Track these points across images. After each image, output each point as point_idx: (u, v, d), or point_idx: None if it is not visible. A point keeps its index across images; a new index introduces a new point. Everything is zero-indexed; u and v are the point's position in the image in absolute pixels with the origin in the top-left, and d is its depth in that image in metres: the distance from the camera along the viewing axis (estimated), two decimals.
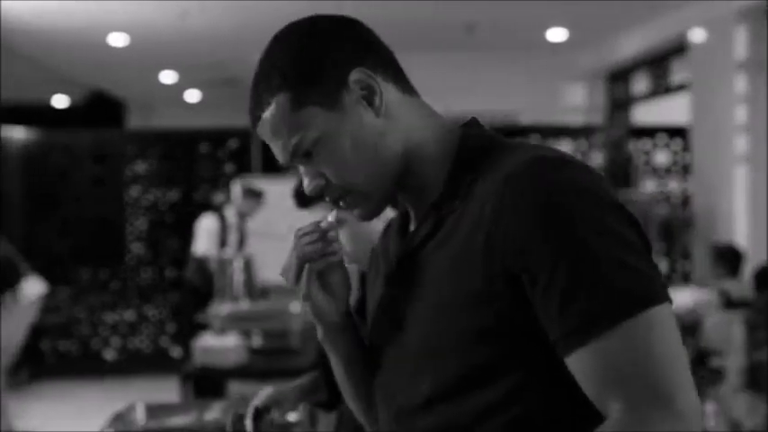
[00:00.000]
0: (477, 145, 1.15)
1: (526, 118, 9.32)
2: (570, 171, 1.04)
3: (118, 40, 8.41)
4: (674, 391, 0.96)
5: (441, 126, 1.20)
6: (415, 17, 7.95)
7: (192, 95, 12.62)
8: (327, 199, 1.18)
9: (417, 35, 8.67)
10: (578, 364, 1.00)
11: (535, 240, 1.01)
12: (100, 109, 12.38)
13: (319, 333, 1.27)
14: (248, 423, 1.84)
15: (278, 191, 5.62)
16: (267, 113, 1.14)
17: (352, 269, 1.90)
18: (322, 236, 1.18)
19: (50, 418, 6.38)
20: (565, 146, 8.13)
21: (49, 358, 8.02)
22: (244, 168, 8.12)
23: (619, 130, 8.44)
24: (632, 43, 8.48)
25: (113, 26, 8.02)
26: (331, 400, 1.99)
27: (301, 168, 1.17)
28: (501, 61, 9.45)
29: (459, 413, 1.09)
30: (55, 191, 8.05)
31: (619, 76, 9.48)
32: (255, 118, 1.16)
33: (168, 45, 8.80)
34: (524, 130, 8.31)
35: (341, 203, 1.18)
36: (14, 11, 7.31)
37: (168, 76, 10.89)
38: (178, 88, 11.84)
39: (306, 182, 1.17)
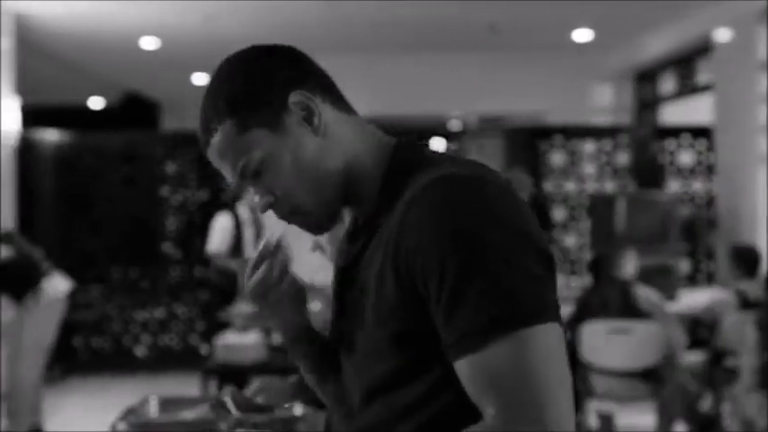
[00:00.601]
0: (406, 160, 1.23)
1: (553, 118, 9.34)
2: (472, 189, 1.11)
3: (149, 43, 8.58)
4: (545, 408, 1.02)
5: (376, 142, 1.28)
6: (439, 18, 8.01)
7: None
8: (277, 216, 1.26)
9: (442, 36, 8.74)
10: (462, 370, 1.08)
11: (429, 254, 1.08)
12: (135, 110, 12.59)
13: (285, 344, 1.37)
14: (227, 400, 1.94)
15: None
16: (215, 139, 1.22)
17: None
18: (267, 267, 1.28)
19: (83, 413, 6.54)
20: (589, 146, 8.16)
21: (82, 354, 8.21)
22: None
23: (645, 129, 8.44)
24: (658, 43, 8.48)
25: (144, 30, 8.19)
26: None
27: (251, 188, 1.25)
28: (526, 62, 9.48)
29: (385, 412, 1.18)
30: (87, 191, 8.23)
31: (646, 76, 9.47)
32: (205, 143, 1.24)
33: (197, 48, 8.94)
34: (549, 131, 8.35)
35: (290, 219, 1.26)
36: (52, 17, 7.51)
37: (200, 78, 11.05)
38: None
39: (256, 200, 1.25)
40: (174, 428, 2.68)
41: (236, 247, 6.34)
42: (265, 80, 1.22)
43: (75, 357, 8.11)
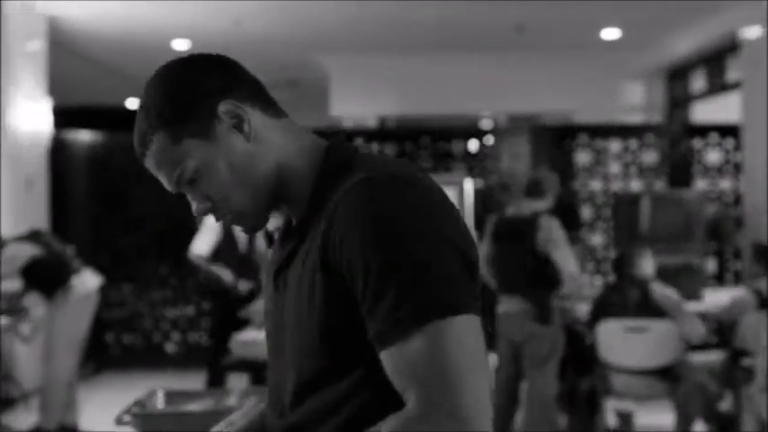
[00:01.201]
0: (337, 162, 1.27)
1: (584, 117, 9.33)
2: (395, 190, 1.16)
3: (181, 45, 8.71)
4: (462, 396, 1.07)
5: (308, 144, 1.32)
6: (468, 18, 8.04)
7: None
8: (216, 219, 1.32)
9: (471, 36, 8.76)
10: (386, 360, 1.13)
11: (355, 250, 1.14)
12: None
13: None
14: None
15: None
16: (150, 150, 1.27)
17: None
18: None
19: (114, 407, 6.65)
20: (615, 145, 8.15)
21: (114, 351, 8.38)
22: None
23: (674, 128, 8.41)
24: (688, 41, 8.43)
25: (175, 32, 8.32)
26: None
27: (189, 195, 1.31)
28: (556, 61, 9.46)
29: (313, 409, 1.24)
30: (119, 190, 8.39)
31: (677, 74, 9.41)
32: (141, 154, 1.29)
33: (228, 49, 9.03)
34: (575, 129, 8.34)
35: (228, 221, 1.32)
36: (84, 19, 7.67)
37: None
38: None
39: (193, 206, 1.30)
40: (178, 420, 2.76)
41: (231, 245, 6.28)
42: (194, 91, 1.26)
43: (106, 353, 8.28)
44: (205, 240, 6.24)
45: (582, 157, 8.18)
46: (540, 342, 4.78)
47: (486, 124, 10.13)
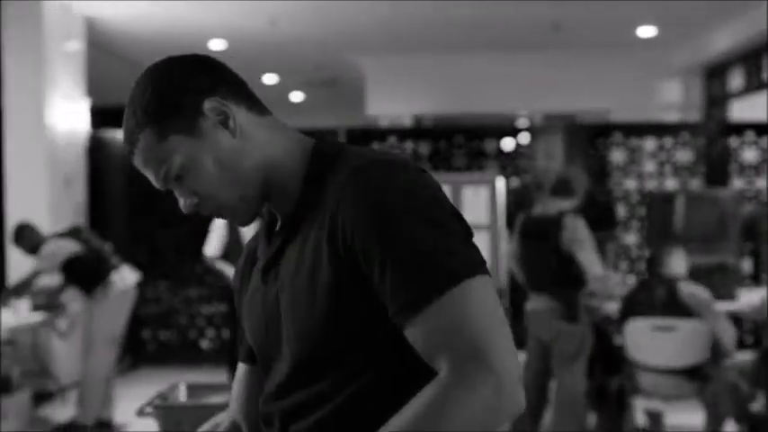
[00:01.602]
0: (327, 154, 1.31)
1: (621, 116, 9.28)
2: (399, 172, 1.22)
3: (217, 45, 8.81)
4: (490, 351, 1.11)
5: (294, 140, 1.36)
6: (504, 17, 8.04)
7: (296, 96, 13.01)
8: (203, 214, 1.36)
9: (507, 34, 8.75)
10: (412, 335, 1.17)
11: (368, 232, 1.18)
12: None
13: None
14: None
15: None
16: (137, 147, 1.31)
17: None
18: None
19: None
20: (650, 143, 8.08)
21: (150, 346, 8.50)
22: None
23: (711, 126, 8.32)
24: (725, 38, 8.34)
25: (211, 32, 8.41)
26: None
27: (176, 191, 1.35)
28: (592, 59, 9.43)
29: (312, 393, 1.28)
30: (155, 189, 8.39)
31: (715, 72, 9.32)
32: (129, 152, 1.34)
33: (264, 49, 9.15)
34: (610, 128, 8.30)
35: (215, 215, 1.36)
36: (120, 19, 7.79)
37: (270, 79, 11.26)
38: (281, 90, 12.22)
39: (181, 202, 1.34)
40: (198, 412, 2.81)
41: (239, 244, 6.26)
42: (180, 89, 1.30)
43: (143, 349, 8.40)
44: (215, 241, 6.35)
45: (616, 156, 8.13)
46: (567, 340, 4.78)
47: (522, 123, 10.11)
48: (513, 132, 8.61)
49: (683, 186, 7.83)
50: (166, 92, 1.30)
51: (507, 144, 8.48)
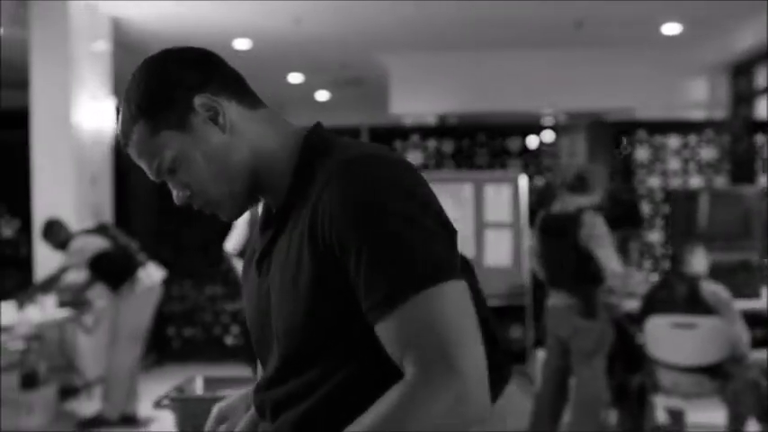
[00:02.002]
0: (316, 147, 1.33)
1: (647, 113, 9.24)
2: (385, 168, 1.23)
3: (242, 44, 8.86)
4: (458, 355, 1.11)
5: (286, 133, 1.37)
6: (528, 14, 8.03)
7: (322, 95, 13.05)
8: (194, 207, 1.38)
9: (530, 32, 8.74)
10: (382, 333, 1.18)
11: (347, 225, 1.19)
12: None
13: None
14: None
15: None
16: (131, 140, 1.34)
17: None
18: None
19: None
20: (674, 141, 8.05)
21: (175, 343, 8.58)
22: None
23: (736, 123, 8.26)
24: (752, 35, 8.28)
25: (237, 32, 8.47)
26: None
27: (169, 183, 1.37)
28: (617, 57, 9.39)
29: (297, 385, 1.31)
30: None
31: (742, 70, 9.25)
32: (124, 144, 1.37)
33: (288, 48, 9.19)
34: (633, 126, 8.26)
35: (206, 209, 1.38)
36: (146, 19, 7.86)
37: (295, 78, 11.31)
38: (307, 89, 12.27)
39: (174, 194, 1.37)
40: (214, 404, 2.85)
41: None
42: (172, 84, 1.32)
43: (168, 346, 8.49)
44: (236, 237, 6.35)
45: (641, 154, 8.10)
46: (586, 336, 4.78)
47: (546, 122, 10.09)
48: (537, 130, 8.60)
49: (708, 184, 7.78)
50: (158, 87, 1.33)
51: (531, 142, 8.47)
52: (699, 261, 4.92)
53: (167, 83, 1.32)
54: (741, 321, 4.81)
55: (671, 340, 4.83)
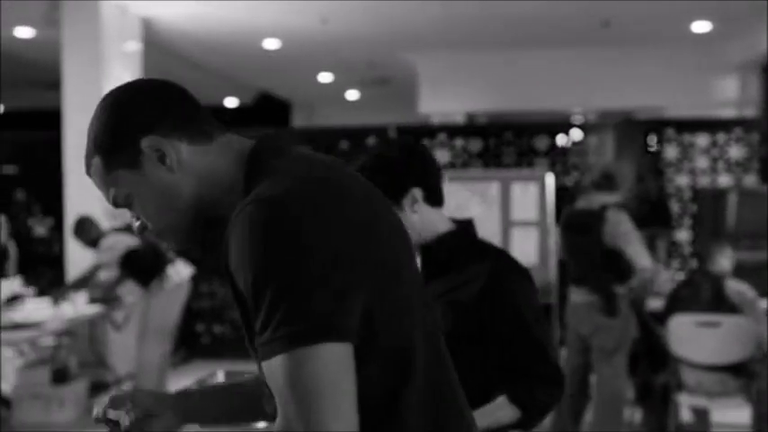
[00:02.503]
0: (252, 178, 1.34)
1: (677, 112, 9.19)
2: (274, 215, 1.19)
3: (271, 44, 8.94)
4: (318, 422, 1.12)
5: (238, 162, 1.38)
6: (557, 14, 8.03)
7: (352, 95, 13.12)
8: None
9: (555, 31, 8.74)
10: (264, 371, 1.20)
11: (239, 275, 1.20)
12: (268, 109, 13.09)
13: None
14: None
15: None
16: (90, 171, 1.41)
17: None
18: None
19: None
20: (703, 139, 8.00)
21: (204, 339, 8.67)
22: None
23: (766, 123, 8.20)
24: None
25: (266, 32, 8.56)
26: None
27: (129, 212, 1.44)
28: (648, 56, 9.36)
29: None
30: None
31: None
32: (87, 173, 1.42)
33: (316, 48, 9.26)
34: (661, 124, 8.24)
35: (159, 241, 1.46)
36: (176, 20, 7.96)
37: (325, 77, 11.39)
38: (337, 88, 12.35)
39: (133, 222, 1.44)
40: None
41: None
42: (123, 126, 1.37)
43: (197, 342, 8.58)
44: None
45: (669, 152, 8.07)
46: (607, 334, 4.78)
47: (575, 120, 10.08)
48: (566, 129, 8.58)
49: (737, 183, 7.74)
50: (111, 128, 1.37)
51: (559, 141, 8.46)
52: (724, 260, 4.91)
53: (119, 125, 1.37)
54: (765, 320, 4.80)
55: (695, 338, 4.82)
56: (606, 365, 4.81)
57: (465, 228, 2.19)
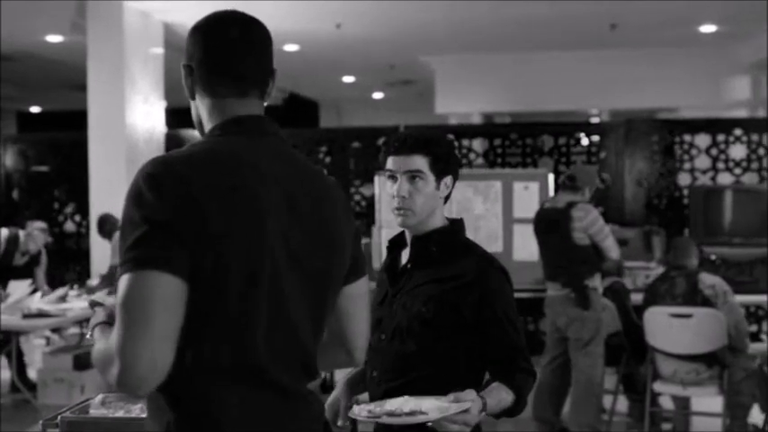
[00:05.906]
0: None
1: (690, 113, 9.32)
2: (135, 180, 1.49)
3: (291, 48, 9.24)
4: (122, 342, 1.37)
5: None
6: (567, 16, 8.24)
7: (378, 95, 13.42)
8: None
9: (566, 34, 8.92)
10: None
11: None
12: (296, 110, 13.40)
13: None
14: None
15: None
16: None
17: None
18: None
19: None
20: (702, 140, 8.12)
21: None
22: None
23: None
24: None
25: (285, 37, 8.83)
26: None
27: None
28: (654, 58, 9.49)
29: None
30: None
31: None
32: None
33: (334, 52, 9.53)
34: (672, 124, 8.35)
35: None
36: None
37: (348, 79, 11.68)
38: (363, 89, 12.63)
39: None
40: None
41: None
42: None
43: None
44: None
45: (675, 151, 8.20)
46: (581, 326, 5.01)
47: (586, 120, 10.25)
48: (576, 130, 8.73)
49: (736, 181, 7.87)
50: None
51: (567, 141, 8.63)
52: (693, 259, 5.11)
53: None
54: (740, 313, 4.98)
55: (669, 330, 5.02)
56: (582, 355, 5.04)
57: (456, 226, 2.36)
